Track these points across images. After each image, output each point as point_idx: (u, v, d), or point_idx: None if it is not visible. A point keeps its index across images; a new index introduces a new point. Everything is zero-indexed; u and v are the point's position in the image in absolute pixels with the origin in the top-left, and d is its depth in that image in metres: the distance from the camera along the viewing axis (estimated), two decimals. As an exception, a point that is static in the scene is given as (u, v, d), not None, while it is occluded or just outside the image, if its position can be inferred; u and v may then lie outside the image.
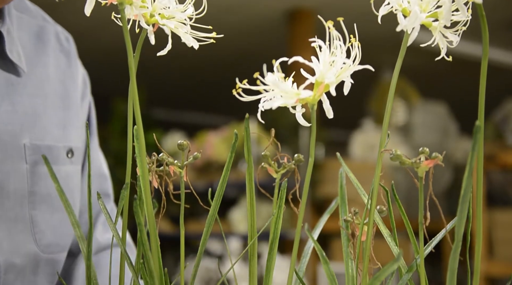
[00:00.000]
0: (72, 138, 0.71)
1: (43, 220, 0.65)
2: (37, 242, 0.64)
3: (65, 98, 0.73)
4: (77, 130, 0.73)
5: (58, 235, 0.67)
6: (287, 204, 0.59)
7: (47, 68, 0.72)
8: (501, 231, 2.82)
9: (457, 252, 0.44)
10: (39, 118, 0.65)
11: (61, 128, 0.69)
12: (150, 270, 0.50)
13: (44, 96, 0.69)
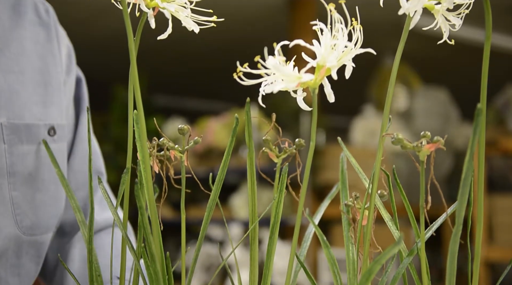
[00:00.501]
0: (54, 116, 0.69)
1: (25, 201, 0.63)
2: (18, 224, 0.62)
3: (45, 74, 0.69)
4: (60, 107, 0.70)
5: (40, 216, 0.66)
6: (287, 189, 0.59)
7: (23, 42, 0.68)
8: (501, 216, 2.83)
9: (457, 236, 0.44)
10: (16, 95, 0.63)
11: (41, 106, 0.67)
12: (151, 253, 0.50)
13: (20, 72, 0.66)
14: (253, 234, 0.57)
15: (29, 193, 0.64)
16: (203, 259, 3.45)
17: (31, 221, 0.64)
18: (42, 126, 0.66)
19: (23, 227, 0.63)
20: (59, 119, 0.70)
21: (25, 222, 0.63)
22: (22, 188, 0.63)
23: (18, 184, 0.62)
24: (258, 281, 0.57)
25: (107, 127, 4.21)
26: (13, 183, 0.62)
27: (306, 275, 0.58)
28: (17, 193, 0.62)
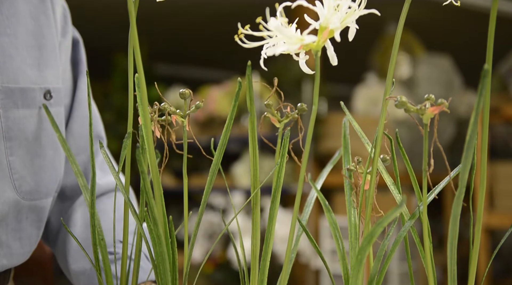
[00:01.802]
0: (49, 79, 0.67)
1: (23, 167, 0.63)
2: (17, 189, 0.62)
3: (39, 36, 0.68)
4: (55, 71, 0.69)
5: (39, 181, 0.66)
6: (289, 154, 0.59)
7: (15, 3, 0.66)
8: (503, 183, 2.83)
9: (460, 199, 0.43)
10: (9, 58, 0.62)
11: (36, 69, 0.65)
12: (154, 217, 0.50)
13: (13, 34, 0.64)
14: (255, 199, 0.57)
15: (27, 158, 0.63)
16: (205, 227, 3.49)
17: (30, 186, 0.64)
18: (37, 90, 0.65)
19: (22, 192, 0.63)
20: (55, 82, 0.69)
21: (24, 187, 0.63)
22: (20, 153, 0.62)
23: (15, 149, 0.62)
24: (260, 247, 0.57)
25: (108, 96, 4.20)
26: (10, 148, 0.61)
27: (308, 238, 0.58)
28: (14, 158, 0.62)
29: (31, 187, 0.64)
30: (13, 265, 0.68)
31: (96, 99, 0.81)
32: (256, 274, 0.56)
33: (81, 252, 0.71)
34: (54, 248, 0.77)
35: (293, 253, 0.60)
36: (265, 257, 0.56)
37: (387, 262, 0.55)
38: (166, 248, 0.52)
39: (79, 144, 0.75)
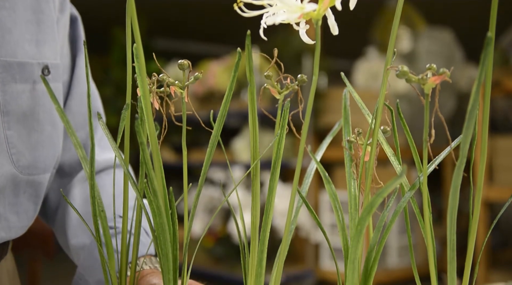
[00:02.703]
0: (47, 55, 0.67)
1: (20, 141, 0.63)
2: (15, 163, 0.63)
3: (37, 11, 0.67)
4: (53, 46, 0.68)
5: (36, 156, 0.66)
6: (289, 126, 0.59)
7: None
8: (502, 157, 2.84)
9: (461, 169, 0.43)
10: (8, 32, 0.61)
11: (34, 44, 0.65)
12: (153, 189, 0.50)
13: (11, 8, 0.64)
14: (255, 171, 0.57)
15: (24, 133, 0.63)
16: (205, 201, 3.50)
17: (28, 161, 0.64)
18: (35, 64, 0.65)
19: (19, 167, 0.63)
20: (53, 58, 0.68)
21: (22, 162, 0.63)
22: (17, 128, 0.62)
23: (13, 123, 0.62)
24: (260, 219, 0.57)
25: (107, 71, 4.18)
26: (8, 122, 0.61)
27: (308, 209, 0.58)
28: (12, 132, 0.62)
29: (29, 162, 0.64)
30: (11, 237, 0.68)
31: (95, 74, 0.81)
32: (256, 246, 0.57)
33: (80, 227, 0.71)
34: (53, 224, 0.78)
35: (292, 224, 0.60)
36: (265, 228, 0.56)
37: (387, 233, 0.55)
38: (166, 219, 0.52)
39: (77, 121, 0.74)
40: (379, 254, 0.55)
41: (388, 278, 3.32)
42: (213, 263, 3.58)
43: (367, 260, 0.55)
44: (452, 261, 0.47)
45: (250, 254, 0.57)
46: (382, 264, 3.40)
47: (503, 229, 3.60)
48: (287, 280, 3.24)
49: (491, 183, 2.84)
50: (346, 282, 0.53)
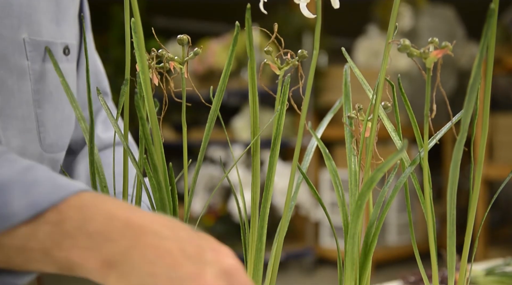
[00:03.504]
0: (67, 35, 0.68)
1: (48, 119, 0.64)
2: (41, 141, 0.64)
3: None
4: (70, 26, 0.69)
5: (59, 134, 0.67)
6: (289, 102, 0.59)
7: None
8: (502, 135, 2.84)
9: (461, 143, 0.43)
10: (34, 11, 0.62)
11: (55, 24, 0.66)
12: (153, 164, 0.50)
13: None
14: (255, 146, 0.56)
15: (50, 112, 0.64)
16: (206, 180, 3.51)
17: (52, 139, 0.65)
18: (58, 44, 0.66)
19: (45, 145, 0.64)
20: (70, 38, 0.69)
21: (47, 140, 0.64)
22: (45, 106, 0.63)
23: (41, 102, 0.63)
24: (260, 195, 0.57)
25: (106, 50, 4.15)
26: (38, 101, 0.62)
27: (308, 185, 0.58)
28: (41, 110, 0.63)
29: (52, 140, 0.65)
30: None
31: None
32: (256, 221, 0.57)
33: None
34: None
35: (292, 201, 0.60)
36: (265, 204, 0.56)
37: (387, 209, 0.55)
38: (166, 195, 0.52)
39: (85, 99, 0.75)
40: (378, 229, 0.55)
41: (388, 255, 3.34)
42: (214, 241, 3.60)
43: (367, 235, 0.55)
44: (452, 235, 0.47)
45: (250, 229, 0.57)
46: (382, 241, 3.42)
47: (502, 207, 3.61)
48: (287, 258, 3.26)
49: (491, 161, 2.84)
50: (346, 257, 0.54)
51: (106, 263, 0.41)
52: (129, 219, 0.42)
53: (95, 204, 0.43)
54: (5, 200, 0.42)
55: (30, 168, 0.45)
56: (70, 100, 0.55)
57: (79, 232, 0.41)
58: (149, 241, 0.41)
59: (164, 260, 0.40)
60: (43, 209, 0.42)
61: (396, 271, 1.02)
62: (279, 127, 0.56)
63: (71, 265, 0.42)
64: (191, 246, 0.41)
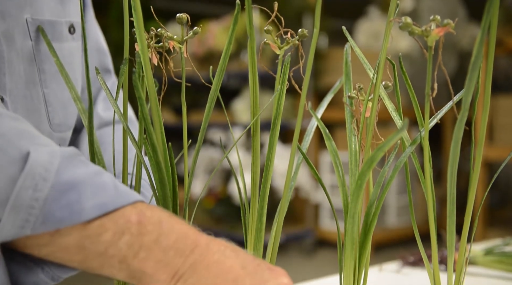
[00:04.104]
0: (71, 13, 0.68)
1: (55, 99, 0.64)
2: (50, 121, 0.64)
3: None
4: (75, 4, 0.69)
5: (66, 114, 0.67)
6: (290, 81, 0.58)
7: None
8: (503, 116, 2.83)
9: (462, 122, 0.43)
10: None
11: (59, 2, 0.66)
12: (152, 144, 0.50)
13: None
14: (255, 126, 0.56)
15: (58, 91, 0.64)
16: (206, 162, 3.52)
17: (60, 118, 0.65)
18: (63, 23, 0.66)
19: (54, 124, 0.64)
20: (76, 16, 0.69)
21: (56, 120, 0.64)
22: (52, 86, 0.63)
23: (48, 81, 0.63)
24: (260, 177, 0.57)
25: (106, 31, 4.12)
26: (44, 81, 0.62)
27: (308, 165, 0.58)
28: (48, 90, 0.63)
29: (60, 120, 0.65)
30: None
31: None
32: (256, 201, 0.57)
33: None
34: None
35: (292, 181, 0.60)
36: (265, 184, 0.56)
37: (386, 189, 0.55)
38: (166, 175, 0.52)
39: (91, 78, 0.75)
40: (378, 209, 0.55)
41: (387, 237, 3.36)
42: (214, 223, 3.62)
43: (367, 215, 0.55)
44: (452, 214, 0.47)
45: (250, 210, 0.57)
46: (381, 223, 3.44)
47: (501, 189, 3.62)
48: (287, 240, 3.28)
49: (491, 142, 2.83)
50: (346, 237, 0.54)
51: (174, 275, 0.46)
52: (198, 239, 0.47)
53: (171, 223, 0.48)
54: (78, 198, 0.46)
55: (99, 173, 0.49)
56: (65, 81, 0.55)
57: (155, 246, 0.46)
58: (215, 258, 0.46)
59: (227, 275, 0.45)
60: (108, 211, 0.46)
61: (395, 253, 1.03)
62: (279, 107, 0.56)
63: (141, 275, 0.47)
64: (251, 264, 0.46)
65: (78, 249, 0.47)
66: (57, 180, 0.46)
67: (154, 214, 0.48)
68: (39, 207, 0.45)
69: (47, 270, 0.50)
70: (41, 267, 0.50)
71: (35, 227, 0.45)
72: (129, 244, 0.46)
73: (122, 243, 0.46)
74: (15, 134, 0.48)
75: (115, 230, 0.46)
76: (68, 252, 0.47)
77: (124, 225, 0.46)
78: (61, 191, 0.46)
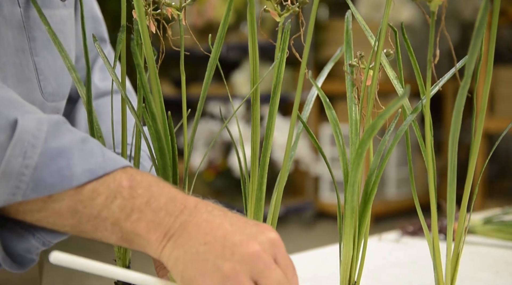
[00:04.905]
0: None
1: (46, 67, 0.63)
2: (42, 90, 0.63)
3: None
4: None
5: (59, 83, 0.66)
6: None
7: None
8: (504, 87, 2.81)
9: (465, 89, 0.42)
10: None
11: None
12: (152, 113, 0.49)
13: None
14: (255, 95, 0.56)
15: (50, 59, 0.63)
16: (206, 135, 3.52)
17: (53, 87, 0.64)
18: None
19: (46, 93, 0.63)
20: None
21: (48, 89, 0.64)
22: (43, 54, 0.63)
23: (39, 49, 0.62)
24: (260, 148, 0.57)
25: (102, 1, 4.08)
26: (34, 48, 0.61)
27: (308, 133, 0.58)
28: (39, 58, 0.62)
29: (53, 89, 0.65)
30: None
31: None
32: (256, 170, 0.56)
33: None
34: None
35: (292, 151, 0.60)
36: (265, 153, 0.56)
37: (387, 157, 0.55)
38: (166, 144, 0.51)
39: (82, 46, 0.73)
40: (378, 178, 0.55)
41: (386, 209, 3.38)
42: (214, 195, 3.63)
43: (367, 184, 0.55)
44: (452, 182, 0.47)
45: (251, 179, 0.57)
46: (380, 195, 3.45)
47: (501, 161, 3.63)
48: (287, 212, 3.30)
49: (491, 114, 2.82)
50: (346, 205, 0.54)
51: (166, 234, 0.47)
52: (187, 201, 0.48)
53: (160, 186, 0.49)
54: (68, 164, 0.47)
55: (86, 140, 0.50)
56: (58, 49, 0.54)
57: (146, 208, 0.47)
58: (203, 217, 0.47)
59: (216, 232, 0.46)
60: (98, 176, 0.47)
61: (395, 224, 1.03)
62: (279, 75, 0.55)
63: (133, 237, 0.48)
64: (239, 221, 0.47)
65: (71, 214, 0.47)
66: (46, 147, 0.46)
67: (144, 178, 0.49)
68: (29, 174, 0.46)
69: (38, 236, 0.51)
70: (32, 234, 0.51)
71: (26, 194, 0.46)
72: (121, 207, 0.47)
73: (115, 206, 0.47)
74: (1, 102, 0.48)
75: (108, 194, 0.47)
76: (61, 216, 0.48)
77: (116, 189, 0.47)
78: (51, 157, 0.46)
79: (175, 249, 0.46)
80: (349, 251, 0.56)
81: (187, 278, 0.45)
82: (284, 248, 0.47)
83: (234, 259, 0.44)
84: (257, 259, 0.44)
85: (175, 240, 0.46)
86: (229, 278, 0.44)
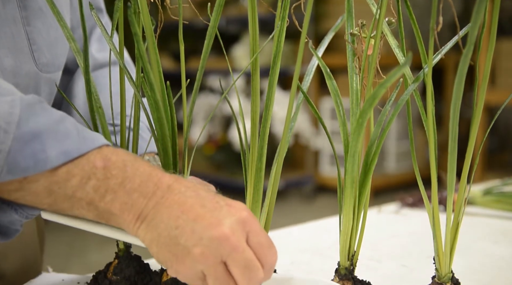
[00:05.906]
0: None
1: (40, 37, 0.62)
2: (36, 61, 0.62)
3: None
4: None
5: (54, 53, 0.65)
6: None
7: None
8: (505, 60, 2.78)
9: (468, 56, 0.42)
10: None
11: None
12: (150, 83, 0.49)
13: None
14: (255, 64, 0.55)
15: (43, 29, 0.62)
16: (205, 109, 3.51)
17: (47, 58, 0.64)
18: None
19: (40, 64, 0.63)
20: None
21: (42, 59, 0.63)
22: (36, 24, 0.62)
23: (31, 18, 0.61)
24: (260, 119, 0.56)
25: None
26: (26, 18, 0.60)
27: (308, 103, 0.57)
28: (32, 28, 0.61)
29: (48, 59, 0.64)
30: None
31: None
32: (256, 141, 0.56)
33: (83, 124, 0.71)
34: None
35: (292, 122, 0.59)
36: (265, 124, 0.56)
37: (387, 128, 0.54)
38: (165, 114, 0.51)
39: (78, 17, 0.72)
40: (379, 148, 0.54)
41: (386, 182, 3.39)
42: (214, 169, 3.65)
43: (367, 154, 0.55)
44: (453, 151, 0.47)
45: (251, 149, 0.57)
46: (380, 169, 3.46)
47: (501, 134, 3.63)
48: (287, 186, 3.32)
49: (492, 86, 2.81)
50: (346, 176, 0.54)
51: (139, 216, 0.48)
52: (161, 181, 0.48)
53: (135, 166, 0.49)
54: (42, 147, 0.47)
55: (62, 120, 0.49)
56: (57, 19, 0.53)
57: (120, 189, 0.48)
58: (175, 199, 0.47)
59: (187, 215, 0.46)
60: (73, 158, 0.47)
61: (394, 198, 1.04)
62: (279, 44, 0.55)
63: (109, 216, 0.49)
64: (210, 202, 0.48)
65: (47, 194, 0.48)
66: (19, 131, 0.46)
67: (119, 158, 0.49)
68: (3, 158, 0.46)
69: (20, 211, 0.52)
70: (15, 209, 0.52)
71: (2, 176, 0.46)
72: (95, 188, 0.47)
73: (89, 187, 0.48)
74: None
75: (82, 175, 0.47)
76: (38, 196, 0.49)
77: (90, 171, 0.48)
78: (24, 141, 0.46)
79: (148, 231, 0.47)
80: (349, 221, 0.56)
81: (161, 259, 0.47)
82: (258, 225, 0.48)
83: (202, 244, 0.45)
84: (224, 242, 0.45)
85: (149, 222, 0.47)
86: (198, 262, 0.45)
